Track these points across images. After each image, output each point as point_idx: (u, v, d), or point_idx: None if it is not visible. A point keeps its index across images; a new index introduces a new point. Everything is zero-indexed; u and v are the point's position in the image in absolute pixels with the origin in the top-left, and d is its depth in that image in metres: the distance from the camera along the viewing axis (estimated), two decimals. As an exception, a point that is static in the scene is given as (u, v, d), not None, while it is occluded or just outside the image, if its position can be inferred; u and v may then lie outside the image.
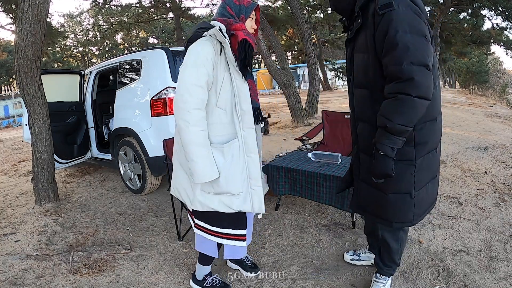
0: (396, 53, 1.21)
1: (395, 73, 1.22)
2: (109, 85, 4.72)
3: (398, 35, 1.21)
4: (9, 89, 29.01)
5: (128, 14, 13.74)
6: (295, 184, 2.64)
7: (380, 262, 1.73)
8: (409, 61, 1.19)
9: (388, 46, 1.23)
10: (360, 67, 1.42)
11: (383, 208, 1.49)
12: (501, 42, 10.32)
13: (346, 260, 2.05)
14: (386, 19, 1.24)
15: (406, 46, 1.20)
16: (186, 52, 1.52)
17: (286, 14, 11.27)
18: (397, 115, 1.23)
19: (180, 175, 1.63)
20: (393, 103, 1.24)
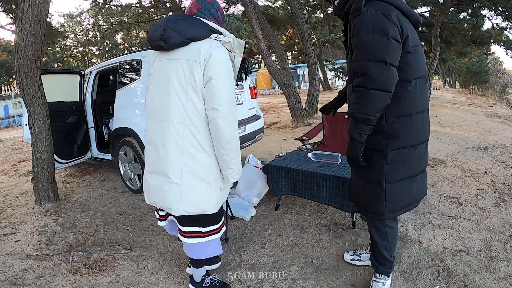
0: (357, 51, 1.37)
1: (355, 69, 1.39)
2: (109, 85, 4.72)
3: (360, 35, 1.36)
4: (9, 89, 29.00)
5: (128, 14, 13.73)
6: (295, 184, 2.64)
7: (374, 260, 1.76)
8: (366, 58, 1.34)
9: (354, 45, 1.40)
10: (349, 65, 1.54)
11: (360, 196, 1.64)
12: (501, 42, 10.31)
13: (346, 260, 2.06)
14: (355, 22, 1.40)
15: (365, 44, 1.35)
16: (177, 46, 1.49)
17: (286, 14, 11.26)
18: (357, 105, 1.40)
19: (198, 187, 1.56)
20: (354, 95, 1.41)
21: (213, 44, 1.49)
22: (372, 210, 1.59)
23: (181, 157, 1.51)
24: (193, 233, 1.67)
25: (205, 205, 1.59)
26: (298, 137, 3.55)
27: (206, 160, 1.55)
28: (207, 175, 1.56)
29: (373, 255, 1.77)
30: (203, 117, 1.51)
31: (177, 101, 1.49)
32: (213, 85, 1.44)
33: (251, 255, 2.20)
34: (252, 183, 2.92)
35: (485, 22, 10.57)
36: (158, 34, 1.48)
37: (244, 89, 3.81)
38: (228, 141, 1.51)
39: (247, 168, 3.02)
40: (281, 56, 7.06)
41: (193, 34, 1.48)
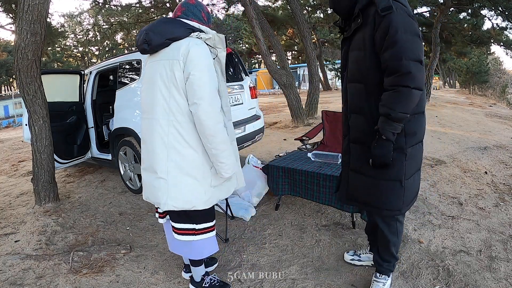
0: (396, 50, 1.36)
1: (395, 67, 1.37)
2: (109, 85, 4.72)
3: (397, 35, 1.36)
4: (9, 89, 28.99)
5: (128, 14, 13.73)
6: (295, 184, 2.64)
7: (379, 258, 1.75)
8: (407, 57, 1.35)
9: (389, 44, 1.38)
10: (355, 64, 1.55)
11: (373, 196, 1.59)
12: (501, 42, 10.30)
13: (346, 260, 2.06)
14: (386, 20, 1.38)
15: (405, 44, 1.35)
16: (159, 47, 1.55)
17: (286, 14, 11.26)
18: (398, 105, 1.38)
19: (187, 183, 1.58)
20: (394, 95, 1.39)
21: (192, 42, 1.52)
22: (389, 207, 1.58)
23: (167, 153, 1.57)
24: (186, 230, 1.69)
25: (193, 201, 1.60)
26: (298, 137, 3.55)
27: (192, 155, 1.57)
28: (194, 170, 1.58)
29: (377, 253, 1.76)
30: (186, 113, 1.54)
31: (161, 100, 1.55)
32: (192, 81, 1.48)
33: (251, 255, 2.20)
34: (252, 183, 2.92)
35: (485, 22, 10.58)
36: (142, 38, 1.55)
37: (244, 89, 3.81)
38: (213, 134, 1.52)
39: (247, 168, 3.02)
40: (281, 56, 7.06)
41: (173, 34, 1.53)
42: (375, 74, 1.47)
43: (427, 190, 3.11)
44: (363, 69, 1.50)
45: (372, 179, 1.57)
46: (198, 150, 1.58)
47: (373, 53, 1.45)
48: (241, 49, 22.67)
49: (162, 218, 1.84)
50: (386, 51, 1.39)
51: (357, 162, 1.63)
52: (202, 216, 1.69)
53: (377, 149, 1.46)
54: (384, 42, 1.39)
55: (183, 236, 1.70)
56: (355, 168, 1.65)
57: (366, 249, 2.05)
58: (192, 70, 1.48)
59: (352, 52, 1.56)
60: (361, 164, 1.60)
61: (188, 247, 1.74)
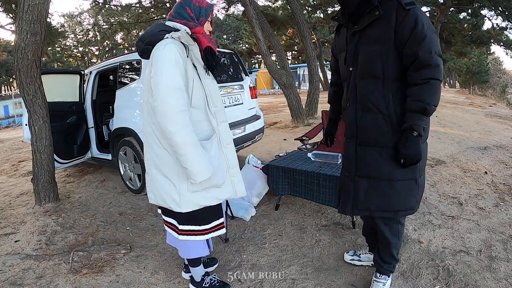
0: (426, 44, 1.35)
1: (425, 61, 1.36)
2: (109, 85, 4.72)
3: (424, 29, 1.36)
4: (9, 89, 28.99)
5: (128, 14, 13.72)
6: (295, 184, 2.64)
7: (379, 259, 1.74)
8: (435, 51, 1.36)
9: (417, 38, 1.36)
10: (370, 58, 1.46)
11: (389, 199, 1.52)
12: (501, 42, 10.31)
13: (346, 260, 2.05)
14: (412, 14, 1.37)
15: (431, 38, 1.36)
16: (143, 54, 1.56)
17: (286, 14, 11.26)
18: (433, 98, 1.37)
19: (161, 181, 1.59)
20: (427, 88, 1.37)
21: (161, 43, 1.49)
22: (404, 207, 1.54)
23: (149, 151, 1.63)
24: (170, 224, 1.72)
25: (168, 201, 1.59)
26: (298, 137, 3.55)
27: (165, 156, 1.56)
28: (167, 171, 1.57)
29: (378, 255, 1.75)
30: None
31: (146, 101, 1.59)
32: (152, 82, 1.48)
33: (251, 255, 2.20)
34: (252, 183, 2.92)
35: (485, 22, 10.58)
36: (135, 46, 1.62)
37: (244, 89, 3.81)
38: (168, 137, 1.46)
39: (247, 168, 3.02)
40: (281, 56, 7.06)
41: (149, 38, 1.55)
42: (394, 69, 1.43)
43: (427, 190, 3.11)
44: (381, 63, 1.44)
45: (387, 182, 1.51)
46: (171, 152, 1.54)
47: (393, 47, 1.41)
48: (241, 49, 22.66)
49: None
50: (414, 45, 1.37)
51: (368, 166, 1.53)
52: (185, 218, 1.66)
53: (411, 148, 1.40)
54: (410, 36, 1.37)
55: (168, 228, 1.75)
56: (366, 174, 1.54)
57: (366, 250, 2.05)
58: (152, 72, 1.48)
59: (367, 47, 1.47)
60: (374, 168, 1.51)
61: (176, 242, 1.77)
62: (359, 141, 1.55)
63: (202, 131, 1.58)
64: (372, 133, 1.50)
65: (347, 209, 1.62)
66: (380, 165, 1.50)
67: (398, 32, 1.39)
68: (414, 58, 1.37)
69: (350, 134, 1.57)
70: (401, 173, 1.49)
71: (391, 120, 1.45)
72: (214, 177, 1.56)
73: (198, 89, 1.54)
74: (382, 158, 1.50)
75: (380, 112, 1.47)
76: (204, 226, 1.69)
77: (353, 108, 1.55)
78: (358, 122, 1.53)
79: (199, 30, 1.56)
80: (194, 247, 1.74)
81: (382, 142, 1.49)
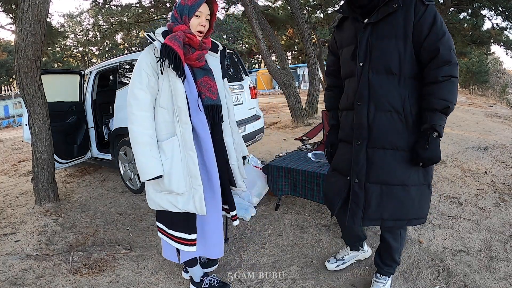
0: (445, 40, 1.32)
1: (446, 57, 1.31)
2: (109, 85, 4.73)
3: (443, 26, 1.33)
4: (9, 89, 28.98)
5: (128, 14, 13.72)
6: (295, 184, 2.64)
7: (380, 262, 1.72)
8: (452, 49, 1.33)
9: (438, 34, 1.32)
10: (388, 54, 1.37)
11: (404, 206, 1.42)
12: (501, 42, 10.30)
13: (330, 269, 1.94)
14: (430, 10, 1.33)
15: (449, 36, 1.33)
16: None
17: (286, 14, 11.26)
18: (454, 96, 1.33)
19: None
20: (449, 86, 1.32)
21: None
22: (417, 216, 1.46)
23: None
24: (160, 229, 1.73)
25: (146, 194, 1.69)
26: (298, 137, 3.55)
27: None
28: None
29: (379, 257, 1.73)
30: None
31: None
32: None
33: (251, 255, 2.20)
34: (252, 183, 2.92)
35: (485, 22, 10.57)
36: None
37: (244, 89, 3.82)
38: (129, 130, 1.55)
39: (247, 168, 3.02)
40: (281, 56, 7.06)
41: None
42: (411, 66, 1.37)
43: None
44: (398, 59, 1.36)
45: (401, 188, 1.41)
46: None
47: (410, 42, 1.35)
48: (241, 49, 22.65)
49: None
50: (435, 41, 1.32)
51: (382, 171, 1.41)
52: (157, 214, 1.72)
53: (431, 150, 1.32)
54: (430, 33, 1.32)
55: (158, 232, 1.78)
56: (379, 179, 1.42)
57: (347, 249, 1.98)
58: None
59: (382, 41, 1.38)
60: (387, 173, 1.41)
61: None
62: (371, 143, 1.42)
63: (169, 132, 1.57)
64: (387, 135, 1.39)
65: (357, 220, 1.45)
66: (395, 169, 1.40)
67: (416, 27, 1.33)
68: (435, 54, 1.31)
69: (360, 136, 1.43)
70: (414, 179, 1.41)
71: (407, 120, 1.38)
72: (167, 181, 1.54)
73: (166, 89, 1.53)
74: (396, 161, 1.40)
75: (396, 112, 1.38)
76: (171, 231, 1.66)
77: (364, 108, 1.41)
78: (370, 123, 1.41)
79: (177, 28, 1.53)
80: (165, 247, 1.78)
81: (398, 144, 1.39)
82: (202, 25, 1.57)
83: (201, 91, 1.58)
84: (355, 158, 1.45)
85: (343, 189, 1.51)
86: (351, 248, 1.98)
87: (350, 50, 1.47)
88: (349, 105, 1.50)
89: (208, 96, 1.60)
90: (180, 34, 1.51)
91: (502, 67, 32.54)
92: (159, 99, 1.55)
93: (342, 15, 1.55)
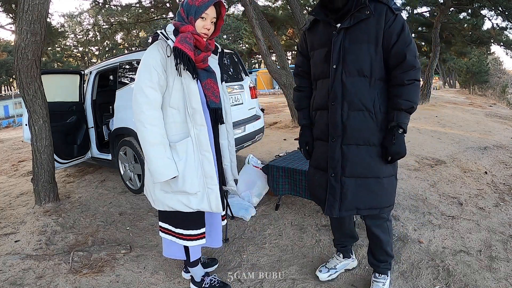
0: (411, 47, 1.44)
1: (412, 63, 1.44)
2: (109, 85, 4.72)
3: (410, 34, 1.46)
4: (9, 89, 28.99)
5: (128, 14, 13.74)
6: (295, 184, 2.64)
7: (374, 260, 1.74)
8: (417, 55, 1.47)
9: (405, 41, 1.44)
10: (360, 57, 1.48)
11: (377, 196, 1.55)
12: (501, 42, 10.31)
13: (323, 279, 1.87)
14: (399, 19, 1.45)
15: (414, 43, 1.47)
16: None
17: (286, 14, 11.26)
18: (417, 97, 1.47)
19: (147, 176, 1.67)
20: (413, 88, 1.45)
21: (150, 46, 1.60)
22: (389, 203, 1.60)
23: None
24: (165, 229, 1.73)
25: (148, 195, 1.66)
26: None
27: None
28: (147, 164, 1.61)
29: (372, 255, 1.75)
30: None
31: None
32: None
33: (251, 255, 2.20)
34: (252, 183, 2.92)
35: (485, 22, 10.58)
36: None
37: (244, 89, 3.81)
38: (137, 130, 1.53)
39: (247, 168, 3.02)
40: (281, 56, 7.06)
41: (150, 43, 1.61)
42: (380, 68, 1.49)
43: (427, 190, 3.11)
44: (369, 62, 1.47)
45: (376, 180, 1.53)
46: None
47: (380, 47, 1.46)
48: (241, 49, 22.65)
49: None
50: (403, 48, 1.44)
51: (357, 166, 1.52)
52: (162, 215, 1.71)
53: (398, 145, 1.47)
54: (398, 39, 1.44)
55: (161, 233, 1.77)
56: (354, 173, 1.52)
57: (339, 257, 1.93)
58: None
59: (355, 44, 1.47)
60: (362, 167, 1.52)
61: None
62: (345, 140, 1.52)
63: (179, 132, 1.56)
64: (360, 132, 1.50)
65: (334, 211, 1.57)
66: (369, 163, 1.52)
67: (386, 34, 1.44)
68: (401, 60, 1.43)
69: (335, 133, 1.53)
70: (386, 171, 1.55)
71: (377, 118, 1.50)
72: (181, 182, 1.54)
73: (177, 89, 1.53)
74: (370, 156, 1.52)
75: (368, 111, 1.49)
76: (180, 230, 1.67)
77: (338, 107, 1.50)
78: (344, 121, 1.51)
79: (185, 28, 1.52)
80: (169, 246, 1.78)
81: (370, 140, 1.51)
82: (207, 28, 1.57)
83: (205, 94, 1.60)
84: (331, 154, 1.55)
85: (325, 184, 1.60)
86: (344, 256, 1.94)
87: (323, 53, 1.56)
88: (322, 105, 1.59)
89: (212, 99, 1.61)
90: (190, 36, 1.51)
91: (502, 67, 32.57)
92: (169, 99, 1.54)
93: (313, 18, 1.62)
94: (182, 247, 1.74)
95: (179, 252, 1.77)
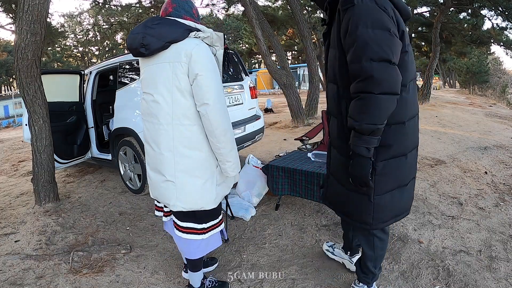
0: (356, 49, 1.17)
1: (356, 71, 1.18)
2: (109, 85, 4.72)
3: (358, 31, 1.16)
4: (9, 89, 29.00)
5: (128, 14, 13.74)
6: (295, 184, 2.64)
7: (358, 266, 1.72)
8: (368, 58, 1.14)
9: (349, 42, 1.19)
10: (331, 62, 1.39)
11: (345, 204, 1.52)
12: (501, 42, 10.32)
13: (323, 248, 2.12)
14: (347, 15, 1.20)
15: (365, 41, 1.14)
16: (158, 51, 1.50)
17: (286, 14, 11.28)
18: (363, 115, 1.18)
19: (193, 184, 1.58)
20: (357, 103, 1.20)
21: (193, 42, 1.50)
22: (358, 219, 1.47)
23: (173, 157, 1.55)
24: (190, 229, 1.67)
25: (200, 202, 1.60)
26: (298, 137, 3.55)
27: (198, 157, 1.56)
28: (200, 171, 1.58)
29: (358, 262, 1.73)
30: (191, 116, 1.52)
31: (164, 104, 1.53)
32: (200, 82, 1.47)
33: (251, 255, 2.20)
34: (252, 183, 2.92)
35: (485, 22, 10.59)
36: (138, 41, 1.51)
37: (244, 89, 3.81)
38: (223, 134, 1.52)
39: (247, 168, 3.02)
40: (281, 56, 7.06)
41: (172, 37, 1.49)
42: (344, 76, 1.29)
43: (427, 190, 3.11)
44: (336, 69, 1.34)
45: (343, 188, 1.48)
46: (203, 151, 1.57)
47: (342, 52, 1.26)
48: (241, 49, 22.66)
49: (166, 216, 1.85)
50: (348, 51, 1.21)
51: (334, 167, 1.55)
52: (210, 215, 1.69)
53: (354, 168, 1.28)
54: (346, 41, 1.21)
55: (187, 234, 1.67)
56: (334, 173, 1.57)
57: (340, 245, 2.05)
58: (200, 71, 1.46)
59: (330, 49, 1.38)
60: (336, 169, 1.52)
61: (187, 246, 1.71)
62: (331, 141, 1.57)
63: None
64: (335, 139, 1.48)
65: (323, 198, 1.71)
66: (340, 169, 1.48)
67: (341, 35, 1.25)
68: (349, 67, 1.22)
69: (328, 133, 1.63)
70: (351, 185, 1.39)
71: (345, 127, 1.33)
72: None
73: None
74: (340, 164, 1.45)
75: (338, 118, 1.41)
76: (219, 218, 1.76)
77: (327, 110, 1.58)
78: (329, 126, 1.55)
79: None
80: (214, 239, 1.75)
81: (342, 149, 1.43)
82: None
83: None
84: (328, 147, 1.66)
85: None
86: (343, 247, 2.02)
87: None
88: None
89: None
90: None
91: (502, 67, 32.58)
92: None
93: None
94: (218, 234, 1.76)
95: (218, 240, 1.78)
